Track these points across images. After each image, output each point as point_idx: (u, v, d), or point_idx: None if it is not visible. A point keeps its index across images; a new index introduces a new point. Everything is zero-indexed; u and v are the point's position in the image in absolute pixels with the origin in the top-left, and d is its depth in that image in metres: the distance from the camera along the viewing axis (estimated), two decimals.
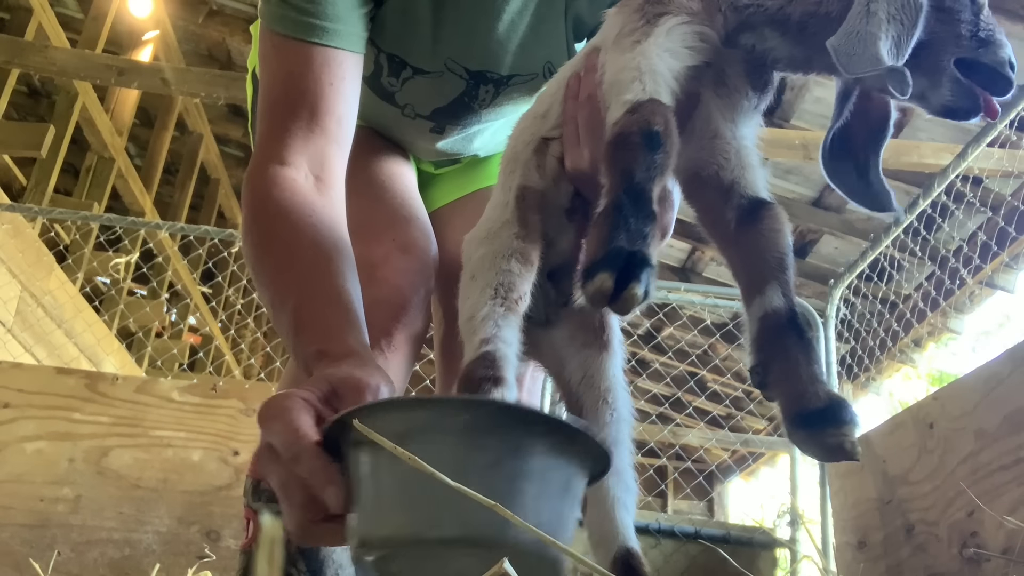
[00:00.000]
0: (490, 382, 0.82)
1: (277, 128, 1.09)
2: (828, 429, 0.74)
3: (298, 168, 1.06)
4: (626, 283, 0.71)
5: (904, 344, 5.07)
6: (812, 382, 0.77)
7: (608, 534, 0.90)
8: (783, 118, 5.22)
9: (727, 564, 2.96)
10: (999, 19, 4.32)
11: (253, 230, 1.04)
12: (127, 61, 5.36)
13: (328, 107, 1.09)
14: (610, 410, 0.96)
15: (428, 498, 0.61)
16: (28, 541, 2.54)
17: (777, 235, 0.86)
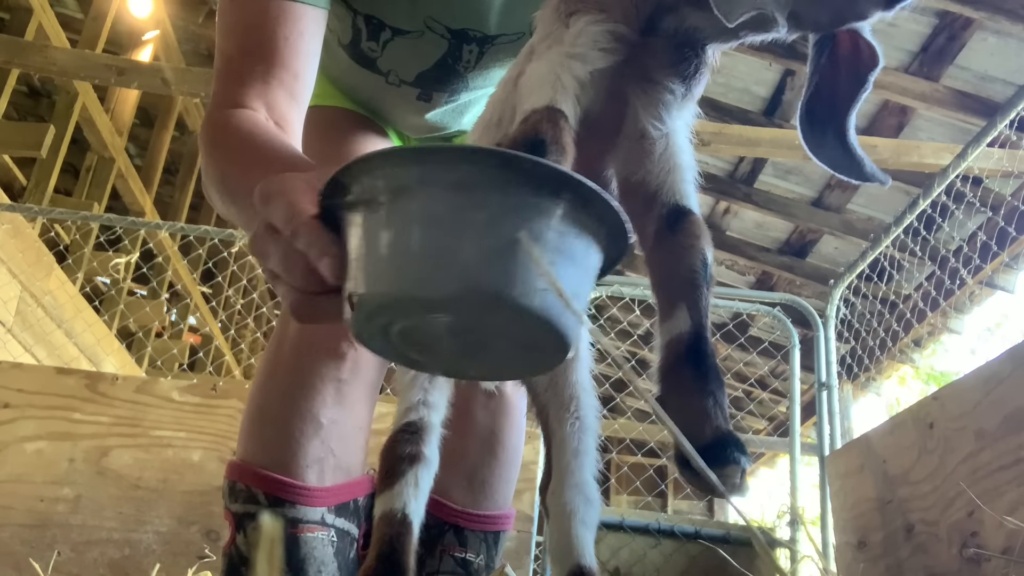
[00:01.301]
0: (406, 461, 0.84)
1: (233, 78, 1.06)
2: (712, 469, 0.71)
3: (257, 111, 1.04)
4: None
5: (904, 344, 5.07)
6: (702, 418, 0.72)
7: (564, 550, 0.88)
8: (783, 118, 5.23)
9: (727, 564, 2.96)
10: (999, 19, 4.32)
11: (216, 158, 1.00)
12: (127, 61, 5.36)
13: (284, 61, 1.07)
14: (572, 419, 0.93)
15: (422, 256, 0.59)
16: (28, 541, 2.54)
17: (690, 250, 0.80)
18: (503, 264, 0.59)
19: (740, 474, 0.70)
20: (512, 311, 0.60)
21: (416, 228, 0.60)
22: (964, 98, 4.59)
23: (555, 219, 0.60)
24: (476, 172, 0.59)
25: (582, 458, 0.90)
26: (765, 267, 6.43)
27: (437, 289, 0.59)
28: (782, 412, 7.62)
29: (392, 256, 0.61)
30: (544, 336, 0.62)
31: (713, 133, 4.56)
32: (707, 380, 0.74)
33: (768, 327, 6.56)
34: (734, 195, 5.91)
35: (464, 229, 0.59)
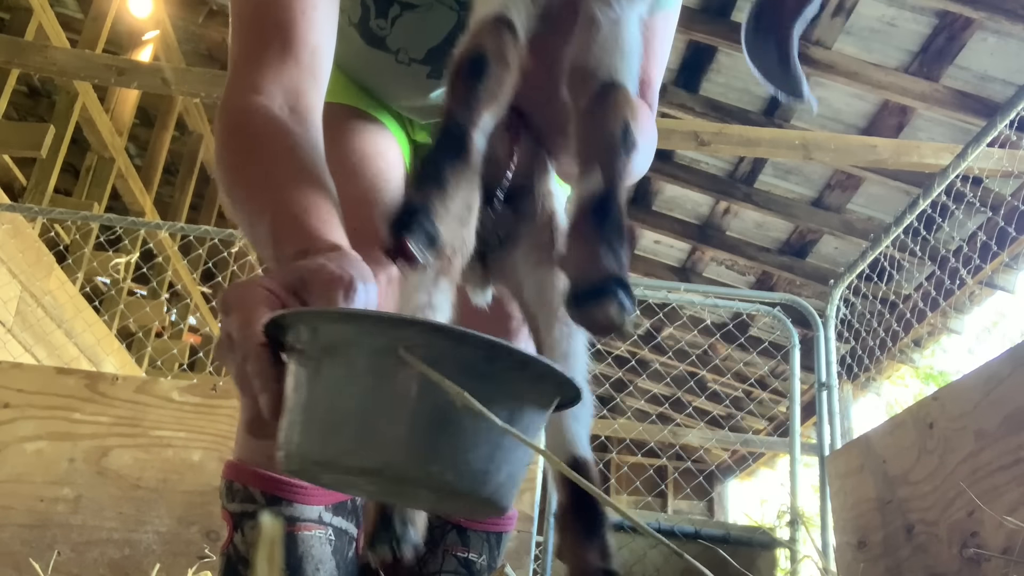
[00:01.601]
0: None
1: (249, 58, 1.05)
2: (591, 304, 0.70)
3: (272, 97, 1.02)
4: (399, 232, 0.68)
5: (904, 344, 5.07)
6: (592, 261, 0.72)
7: (559, 443, 0.88)
8: (783, 118, 5.23)
9: (727, 564, 2.96)
10: (999, 19, 4.32)
11: (227, 153, 1.00)
12: (127, 61, 5.36)
13: (301, 37, 1.05)
14: (561, 325, 0.93)
15: (348, 424, 0.57)
16: (28, 541, 2.54)
17: (611, 116, 0.79)
18: (433, 446, 0.57)
19: (617, 308, 0.69)
20: (441, 491, 0.59)
21: (339, 392, 0.58)
22: (964, 98, 4.59)
23: (494, 394, 0.58)
24: (405, 340, 0.57)
25: (571, 360, 0.90)
26: (765, 267, 6.43)
27: (357, 461, 0.58)
28: (782, 412, 7.62)
29: (316, 417, 0.59)
30: (478, 505, 0.62)
31: (713, 133, 4.56)
32: (607, 231, 0.74)
33: (768, 327, 6.57)
34: (734, 195, 5.91)
35: (388, 400, 0.57)
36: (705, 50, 5.03)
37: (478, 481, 0.58)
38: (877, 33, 4.56)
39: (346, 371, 0.58)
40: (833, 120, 5.16)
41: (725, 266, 6.72)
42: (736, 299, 4.35)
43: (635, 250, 0.77)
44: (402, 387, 0.57)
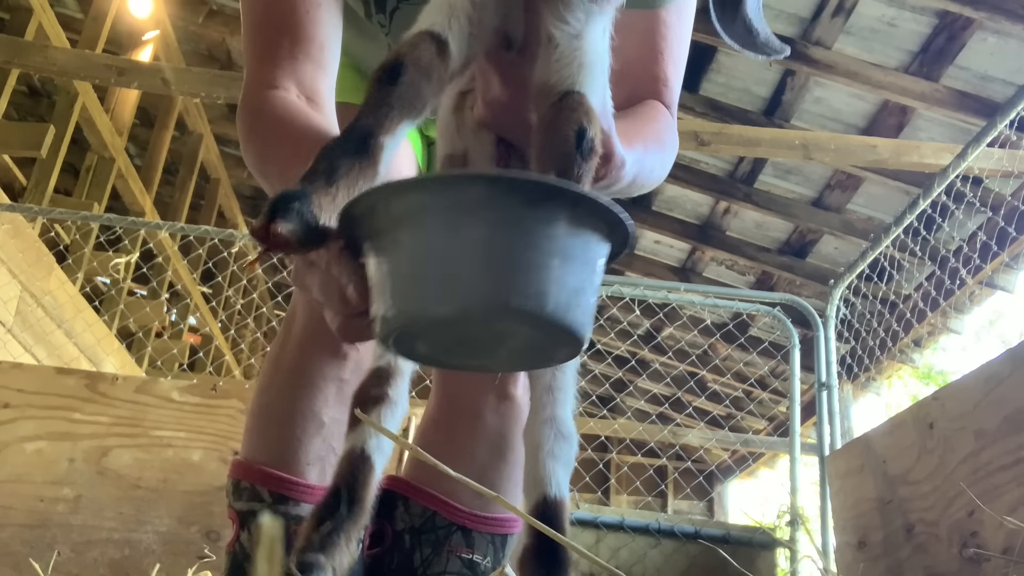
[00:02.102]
0: (370, 403, 0.85)
1: (262, 57, 1.09)
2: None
3: (288, 90, 1.06)
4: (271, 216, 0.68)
5: (904, 344, 5.07)
6: None
7: (530, 482, 0.86)
8: (783, 118, 5.23)
9: (727, 564, 2.96)
10: (999, 19, 4.31)
11: (253, 140, 1.05)
12: (127, 61, 5.36)
13: (308, 34, 1.10)
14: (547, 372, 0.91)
15: (426, 277, 0.64)
16: (28, 541, 2.54)
17: (564, 121, 0.78)
18: (503, 275, 0.63)
19: None
20: (517, 318, 0.64)
21: (418, 252, 0.64)
22: (964, 98, 4.59)
23: (547, 225, 0.64)
24: (466, 194, 0.64)
25: (556, 394, 0.88)
26: (765, 267, 6.44)
27: (443, 308, 0.64)
28: (782, 412, 7.62)
29: (400, 279, 0.66)
30: (555, 334, 0.66)
31: (713, 133, 4.56)
32: None
33: (768, 327, 6.57)
34: (734, 195, 5.91)
35: (461, 248, 0.63)
36: (705, 50, 5.04)
37: (557, 305, 0.64)
38: (877, 33, 4.56)
39: (420, 232, 0.64)
40: (833, 120, 5.16)
41: (725, 266, 6.72)
42: (736, 299, 4.35)
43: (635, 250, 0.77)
44: (471, 232, 0.63)
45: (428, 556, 1.25)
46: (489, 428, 1.31)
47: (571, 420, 0.87)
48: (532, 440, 0.86)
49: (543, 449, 0.85)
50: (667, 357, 6.53)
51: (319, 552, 0.76)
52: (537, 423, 0.86)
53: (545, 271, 0.63)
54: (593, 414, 7.81)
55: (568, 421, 0.87)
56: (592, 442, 7.75)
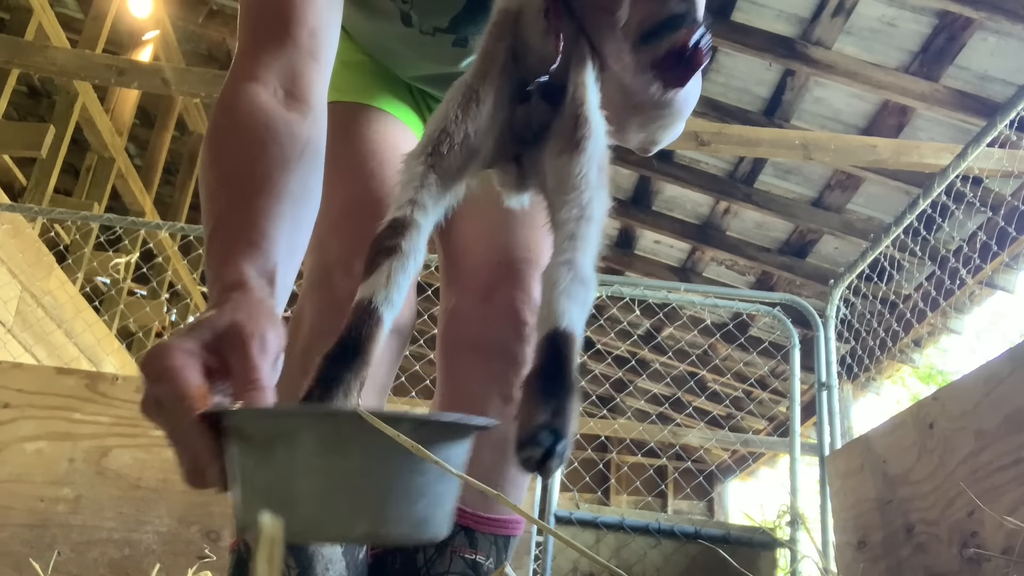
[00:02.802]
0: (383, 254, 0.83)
1: (248, 42, 1.07)
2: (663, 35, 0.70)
3: (266, 83, 1.02)
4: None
5: (904, 344, 5.07)
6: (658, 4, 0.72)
7: (543, 318, 0.82)
8: (783, 118, 5.23)
9: (727, 564, 2.96)
10: (999, 19, 4.30)
11: (205, 147, 1.02)
12: (127, 61, 5.35)
13: (299, 18, 1.06)
14: (572, 207, 0.88)
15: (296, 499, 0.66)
16: (28, 541, 2.54)
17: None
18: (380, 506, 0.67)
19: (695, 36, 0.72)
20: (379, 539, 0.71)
21: (291, 474, 0.67)
22: (964, 98, 4.59)
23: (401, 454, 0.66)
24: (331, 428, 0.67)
25: (578, 241, 0.85)
26: (765, 267, 6.43)
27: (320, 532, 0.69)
28: (782, 412, 7.62)
29: (271, 495, 0.68)
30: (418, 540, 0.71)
31: (713, 133, 4.56)
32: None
33: (768, 327, 6.57)
34: (734, 195, 5.91)
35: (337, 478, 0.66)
36: None
37: (422, 526, 0.69)
38: (877, 33, 4.56)
39: (294, 455, 0.67)
40: (833, 120, 5.16)
41: (725, 266, 6.72)
42: (736, 299, 4.35)
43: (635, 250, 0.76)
44: (347, 465, 0.66)
45: (431, 556, 1.24)
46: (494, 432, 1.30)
47: (592, 267, 0.85)
48: (548, 279, 0.83)
49: (558, 287, 0.82)
50: (667, 357, 6.53)
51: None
52: (555, 264, 0.84)
53: (426, 500, 0.68)
54: (593, 414, 7.81)
55: (588, 267, 0.84)
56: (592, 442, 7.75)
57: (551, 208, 0.93)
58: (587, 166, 0.90)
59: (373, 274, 0.82)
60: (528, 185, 0.98)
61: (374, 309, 0.81)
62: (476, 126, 0.90)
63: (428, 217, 0.87)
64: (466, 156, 0.90)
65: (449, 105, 0.90)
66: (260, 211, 0.91)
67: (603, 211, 0.89)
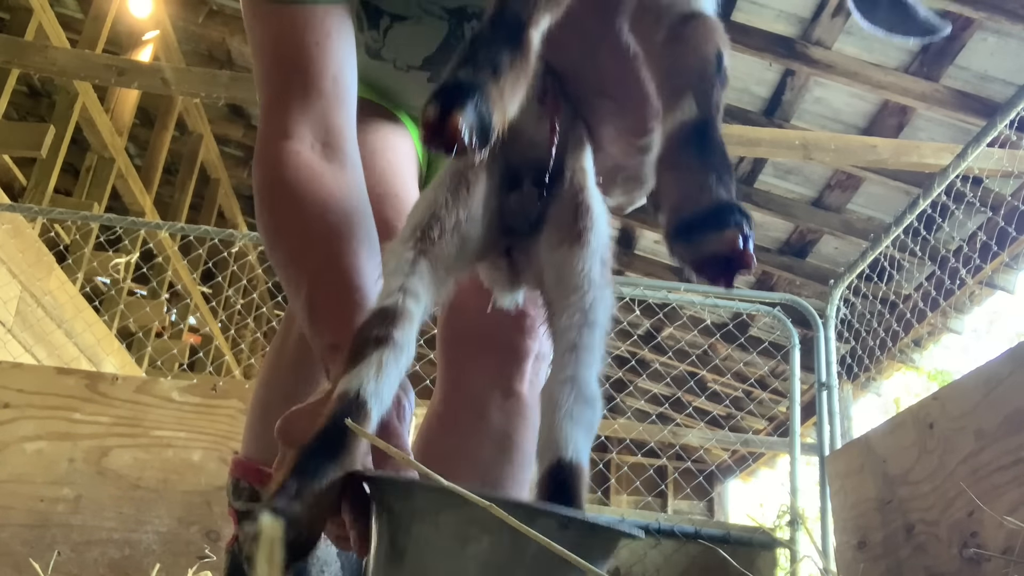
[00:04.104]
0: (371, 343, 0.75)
1: (274, 99, 1.06)
2: (708, 234, 0.61)
3: (302, 139, 1.03)
4: (448, 107, 0.59)
5: (904, 344, 5.07)
6: (701, 188, 0.63)
7: (544, 445, 0.76)
8: (783, 118, 5.23)
9: (727, 564, 2.96)
10: (999, 19, 4.31)
11: (264, 216, 1.02)
12: (127, 61, 5.35)
13: (319, 68, 1.05)
14: (574, 310, 0.82)
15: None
16: (28, 541, 2.54)
17: (702, 43, 0.71)
18: None
19: (741, 239, 0.61)
20: None
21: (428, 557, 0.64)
22: (964, 98, 4.59)
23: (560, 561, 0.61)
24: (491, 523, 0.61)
25: (580, 353, 0.79)
26: (765, 267, 6.44)
27: None
28: (782, 412, 7.62)
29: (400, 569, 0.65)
30: None
31: None
32: (710, 159, 0.65)
33: (768, 327, 6.57)
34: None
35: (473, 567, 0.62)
36: None
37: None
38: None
39: (434, 535, 0.64)
40: (833, 120, 5.16)
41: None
42: (736, 299, 4.35)
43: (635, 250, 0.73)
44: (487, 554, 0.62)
45: None
46: (494, 427, 1.30)
47: (596, 383, 0.79)
48: (549, 400, 0.77)
49: (560, 410, 0.76)
50: (667, 357, 6.53)
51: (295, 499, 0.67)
52: (556, 382, 0.78)
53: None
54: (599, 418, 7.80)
55: (592, 384, 0.79)
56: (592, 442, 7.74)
57: (549, 309, 0.86)
58: (590, 261, 0.83)
59: (360, 364, 0.73)
60: (521, 281, 0.92)
61: (363, 402, 0.72)
62: (468, 212, 0.83)
63: (420, 305, 0.79)
64: (459, 244, 0.83)
65: (438, 190, 0.84)
66: (352, 270, 0.90)
67: (607, 314, 0.84)
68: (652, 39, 0.76)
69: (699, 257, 0.62)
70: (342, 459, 0.70)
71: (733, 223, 0.61)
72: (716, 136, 0.67)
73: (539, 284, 0.89)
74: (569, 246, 0.84)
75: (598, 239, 0.85)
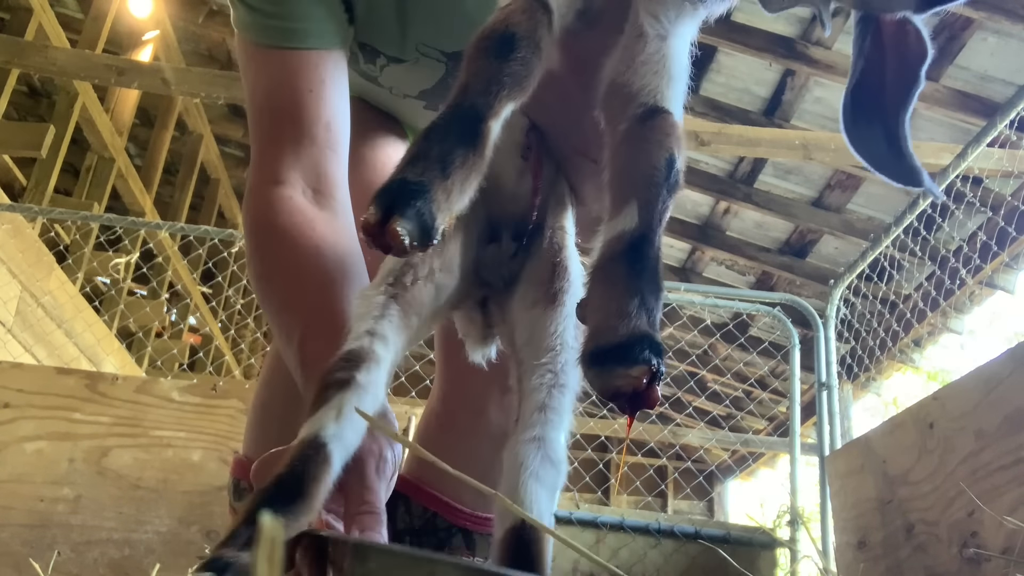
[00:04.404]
0: (333, 387, 0.73)
1: (267, 144, 1.06)
2: (616, 368, 0.61)
3: (294, 185, 1.02)
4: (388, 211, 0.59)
5: (904, 344, 5.07)
6: (619, 316, 0.62)
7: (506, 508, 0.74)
8: (783, 118, 5.23)
9: (727, 564, 2.96)
10: (999, 19, 4.31)
11: (255, 261, 1.02)
12: (127, 61, 5.36)
13: (312, 115, 1.04)
14: (544, 372, 0.80)
15: None
16: (28, 541, 2.54)
17: (655, 146, 0.70)
18: None
19: (648, 377, 0.60)
20: None
21: None
22: (964, 98, 4.59)
23: None
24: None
25: (549, 414, 0.77)
26: (765, 267, 6.44)
27: None
28: (782, 412, 7.62)
29: None
30: None
31: (713, 133, 4.56)
32: (639, 279, 0.65)
33: (768, 327, 6.57)
34: (734, 195, 5.91)
35: None
36: (705, 50, 5.03)
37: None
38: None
39: None
40: (833, 120, 5.16)
41: (725, 266, 6.72)
42: (736, 299, 4.35)
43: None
44: None
45: None
46: (493, 425, 1.30)
47: (563, 446, 0.77)
48: (514, 459, 0.75)
49: (526, 470, 0.74)
50: (667, 357, 6.52)
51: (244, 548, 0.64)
52: (522, 441, 0.75)
53: None
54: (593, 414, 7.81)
55: (559, 446, 0.76)
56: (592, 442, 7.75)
57: (519, 368, 0.85)
58: (563, 323, 0.83)
59: (321, 408, 0.71)
60: (494, 334, 0.91)
61: (321, 445, 0.69)
62: (442, 261, 0.82)
63: (389, 349, 0.77)
64: (432, 293, 0.82)
65: None
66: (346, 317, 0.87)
67: (578, 379, 0.81)
68: (616, 126, 0.75)
69: (607, 389, 0.62)
70: (298, 508, 0.68)
71: (641, 360, 0.60)
72: (651, 252, 0.67)
73: (511, 342, 0.88)
74: (544, 307, 0.83)
75: (573, 301, 0.83)
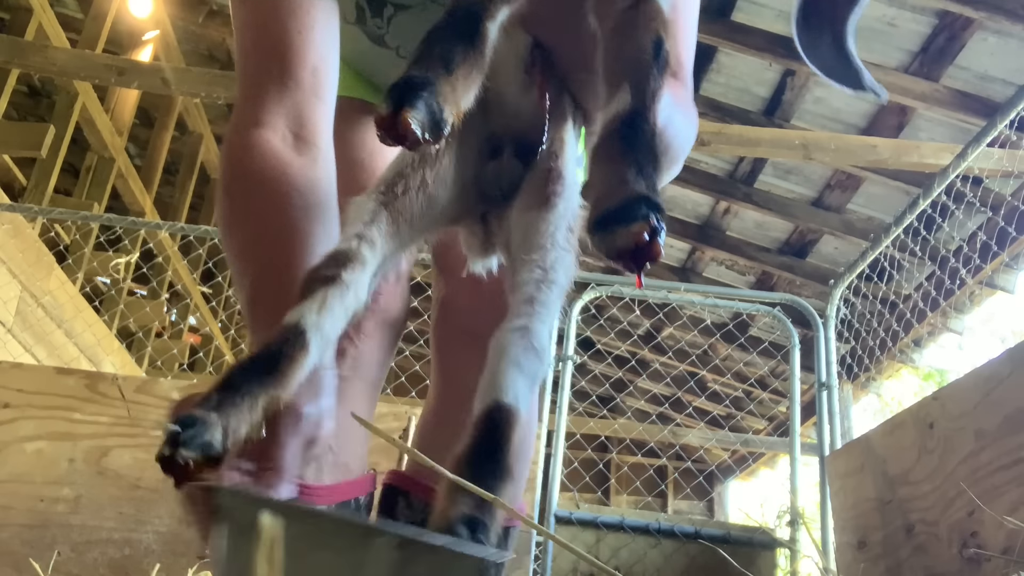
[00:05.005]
0: (318, 282, 0.74)
1: (251, 86, 1.04)
2: (617, 228, 0.62)
3: (274, 128, 1.00)
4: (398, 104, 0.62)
5: (904, 344, 5.07)
6: (619, 183, 0.64)
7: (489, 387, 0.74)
8: (783, 118, 5.23)
9: (727, 564, 2.96)
10: (999, 19, 4.30)
11: (223, 202, 1.00)
12: (127, 61, 5.35)
13: (300, 58, 1.03)
14: (534, 267, 0.80)
15: None
16: (28, 541, 2.54)
17: (641, 31, 0.72)
18: None
19: (649, 232, 0.62)
20: None
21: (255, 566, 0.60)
22: (964, 98, 4.59)
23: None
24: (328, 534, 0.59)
25: (536, 307, 0.77)
26: (765, 267, 6.44)
27: None
28: (782, 412, 7.62)
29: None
30: None
31: (713, 133, 4.56)
32: (635, 150, 0.66)
33: (768, 327, 6.57)
34: (734, 195, 5.91)
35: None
36: (705, 50, 5.03)
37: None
38: (877, 33, 4.56)
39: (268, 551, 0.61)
40: (833, 120, 5.16)
41: (725, 266, 6.72)
42: (736, 299, 4.35)
43: None
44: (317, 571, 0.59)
45: None
46: None
47: (547, 337, 0.77)
48: (497, 346, 0.75)
49: (507, 355, 0.74)
50: (667, 357, 6.54)
51: (213, 410, 0.65)
52: (507, 330, 0.76)
53: None
54: (593, 414, 7.81)
55: (543, 336, 0.76)
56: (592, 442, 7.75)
57: (511, 268, 0.86)
58: (556, 224, 0.83)
59: (305, 300, 0.74)
60: (494, 247, 0.92)
61: (301, 332, 0.72)
62: (435, 174, 0.84)
63: (376, 253, 0.79)
64: (424, 204, 0.84)
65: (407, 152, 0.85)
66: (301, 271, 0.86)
67: (567, 277, 0.82)
68: (604, 25, 0.77)
69: (612, 250, 0.64)
70: (269, 382, 0.69)
71: (641, 217, 0.62)
72: (646, 126, 0.68)
73: (507, 249, 0.89)
74: (538, 210, 0.84)
75: (567, 205, 0.85)
